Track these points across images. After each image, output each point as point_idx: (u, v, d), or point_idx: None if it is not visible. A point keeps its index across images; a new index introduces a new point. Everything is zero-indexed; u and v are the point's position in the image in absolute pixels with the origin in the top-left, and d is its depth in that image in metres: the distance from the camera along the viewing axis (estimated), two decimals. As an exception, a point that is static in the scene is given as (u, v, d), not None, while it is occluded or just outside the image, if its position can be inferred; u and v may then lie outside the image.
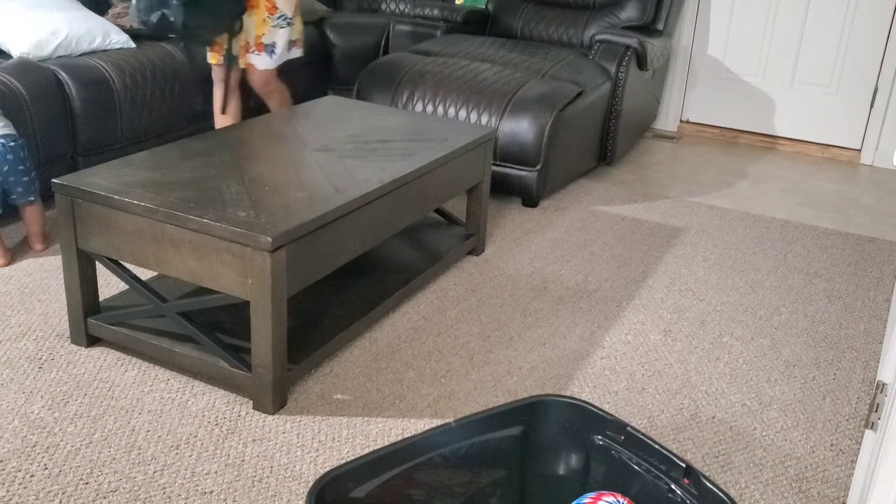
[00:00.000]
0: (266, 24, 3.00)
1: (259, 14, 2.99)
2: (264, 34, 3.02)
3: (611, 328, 2.47)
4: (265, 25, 3.01)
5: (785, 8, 4.32)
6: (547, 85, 3.36)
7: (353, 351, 2.27)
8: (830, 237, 3.28)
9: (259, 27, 3.01)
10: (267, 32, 3.02)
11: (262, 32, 3.02)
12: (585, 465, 1.59)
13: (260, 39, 3.03)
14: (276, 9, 2.99)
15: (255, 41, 3.03)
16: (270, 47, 3.04)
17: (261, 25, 3.00)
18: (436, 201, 2.54)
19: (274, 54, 3.06)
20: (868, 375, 2.30)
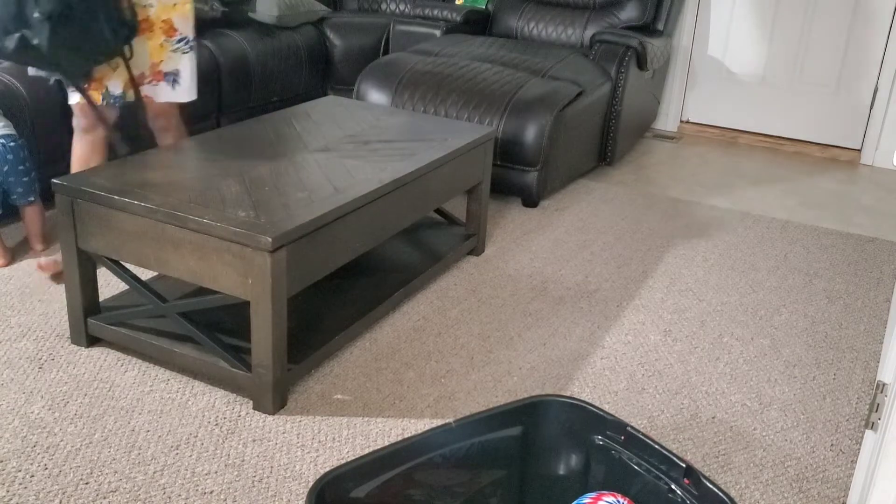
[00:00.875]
0: (164, 50, 2.49)
1: (154, 38, 2.46)
2: (163, 61, 2.50)
3: (611, 328, 2.47)
4: (163, 51, 2.49)
5: (785, 8, 4.32)
6: (547, 85, 3.36)
7: (353, 351, 2.26)
8: (830, 237, 3.28)
9: (156, 53, 2.49)
10: (166, 59, 2.50)
11: (159, 59, 2.50)
12: (585, 465, 1.59)
13: (158, 67, 2.51)
14: (174, 30, 2.48)
15: (152, 70, 2.50)
16: (172, 76, 2.53)
17: (158, 51, 2.49)
18: (436, 201, 2.54)
19: (178, 84, 2.55)
20: (868, 375, 2.30)
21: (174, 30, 2.47)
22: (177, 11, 2.46)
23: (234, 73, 3.71)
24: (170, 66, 2.51)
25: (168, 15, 2.44)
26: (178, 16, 2.47)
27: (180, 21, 2.48)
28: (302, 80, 4.16)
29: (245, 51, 3.78)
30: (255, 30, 3.94)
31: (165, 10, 2.43)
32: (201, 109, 3.57)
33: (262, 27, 3.99)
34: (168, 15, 2.44)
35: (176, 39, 2.49)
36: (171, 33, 2.47)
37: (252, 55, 3.81)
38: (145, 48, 2.46)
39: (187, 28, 2.51)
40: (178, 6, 2.45)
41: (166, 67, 2.51)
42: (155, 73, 2.51)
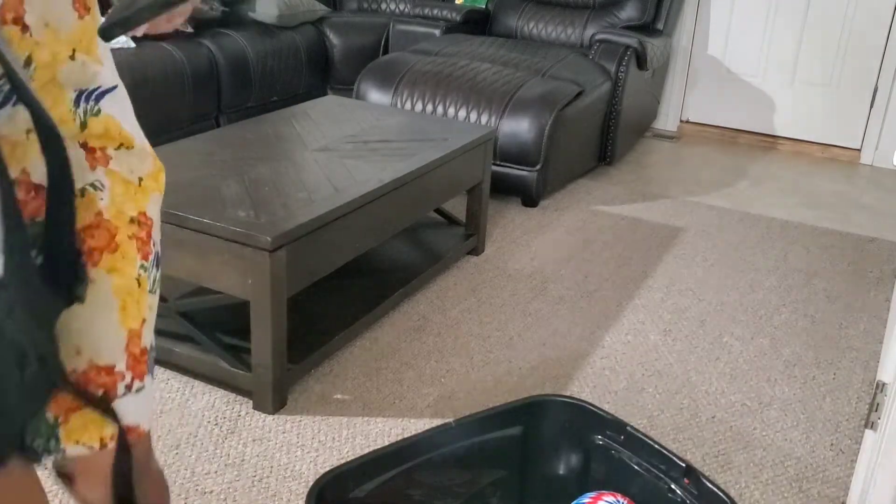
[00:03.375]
0: (144, 292, 0.90)
1: (123, 268, 0.84)
2: (145, 321, 0.91)
3: (611, 328, 2.47)
4: (142, 297, 0.90)
5: (785, 7, 4.32)
6: (547, 84, 3.36)
7: (353, 351, 2.26)
8: (830, 237, 3.28)
9: (131, 308, 0.88)
10: (150, 310, 0.92)
11: (140, 319, 0.89)
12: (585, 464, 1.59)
13: (141, 342, 0.90)
14: (150, 237, 0.89)
15: (130, 355, 0.87)
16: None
17: (134, 302, 0.89)
18: (436, 201, 2.54)
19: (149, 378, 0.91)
20: (868, 375, 2.30)
21: (150, 235, 0.88)
22: (149, 189, 0.89)
23: (234, 73, 3.71)
24: (151, 320, 0.92)
25: (137, 202, 0.86)
26: (153, 197, 0.90)
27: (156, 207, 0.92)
28: (302, 80, 4.16)
29: (245, 51, 3.78)
30: (255, 30, 3.94)
31: (128, 192, 0.84)
32: (201, 109, 3.57)
33: (262, 27, 3.99)
34: (137, 202, 0.86)
35: (153, 258, 0.92)
36: (147, 244, 0.88)
37: (252, 55, 3.81)
38: (108, 307, 0.84)
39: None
40: (151, 177, 0.89)
41: (150, 321, 0.91)
42: (135, 361, 0.87)
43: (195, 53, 3.53)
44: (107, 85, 0.80)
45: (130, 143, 0.83)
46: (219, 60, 3.65)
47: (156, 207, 0.88)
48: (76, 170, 0.77)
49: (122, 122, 0.82)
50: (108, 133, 0.80)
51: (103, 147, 0.80)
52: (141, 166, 0.84)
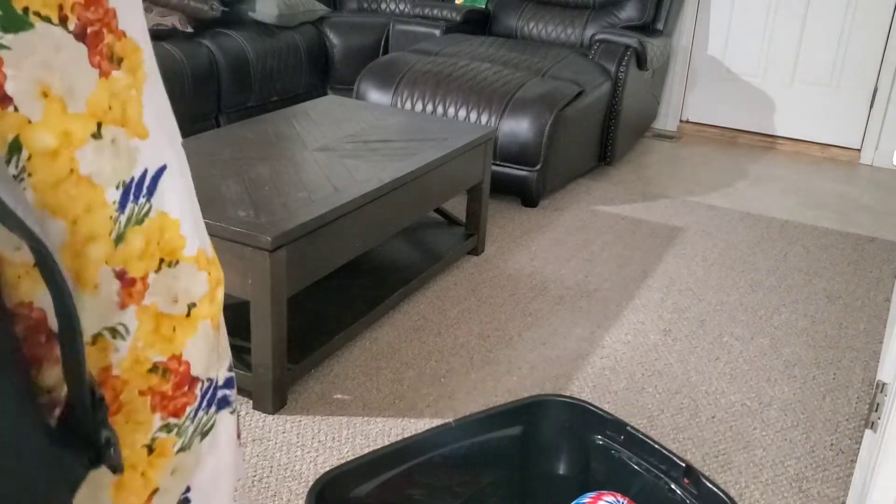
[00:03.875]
0: (168, 449, 0.63)
1: (140, 422, 0.60)
2: (169, 472, 0.64)
3: (611, 328, 2.47)
4: (166, 452, 0.63)
5: (785, 7, 4.32)
6: (547, 84, 3.36)
7: (353, 351, 2.26)
8: (830, 237, 3.28)
9: (143, 467, 0.62)
10: (172, 468, 0.64)
11: (156, 479, 0.63)
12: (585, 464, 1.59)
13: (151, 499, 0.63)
14: (186, 381, 0.64)
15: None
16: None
17: (151, 458, 0.62)
18: (436, 201, 2.54)
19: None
20: (868, 375, 2.30)
21: (184, 383, 0.63)
22: (200, 317, 0.64)
23: (234, 73, 3.71)
24: (178, 482, 0.65)
25: (170, 344, 0.61)
26: (202, 328, 0.64)
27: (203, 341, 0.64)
28: (302, 80, 4.16)
29: (245, 50, 3.78)
30: (255, 29, 3.94)
31: (160, 331, 0.60)
32: (201, 109, 3.57)
33: (262, 27, 3.99)
34: (170, 344, 0.61)
35: (192, 409, 0.64)
36: (178, 397, 0.62)
37: (252, 55, 3.81)
38: (94, 483, 0.59)
39: (207, 349, 0.67)
40: (206, 299, 0.64)
41: (173, 486, 0.65)
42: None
43: (195, 53, 3.53)
44: (156, 164, 0.57)
45: (180, 254, 0.60)
46: (219, 60, 3.65)
47: (203, 342, 0.63)
48: (95, 312, 0.55)
49: (181, 219, 0.60)
50: (161, 241, 0.58)
51: (145, 274, 0.57)
52: (193, 286, 0.61)
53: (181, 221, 0.60)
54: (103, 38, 0.54)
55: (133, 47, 0.57)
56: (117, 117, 0.55)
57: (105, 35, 0.54)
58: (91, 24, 0.53)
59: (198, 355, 0.63)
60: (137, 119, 0.57)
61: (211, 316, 0.64)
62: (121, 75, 0.56)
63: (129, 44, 0.57)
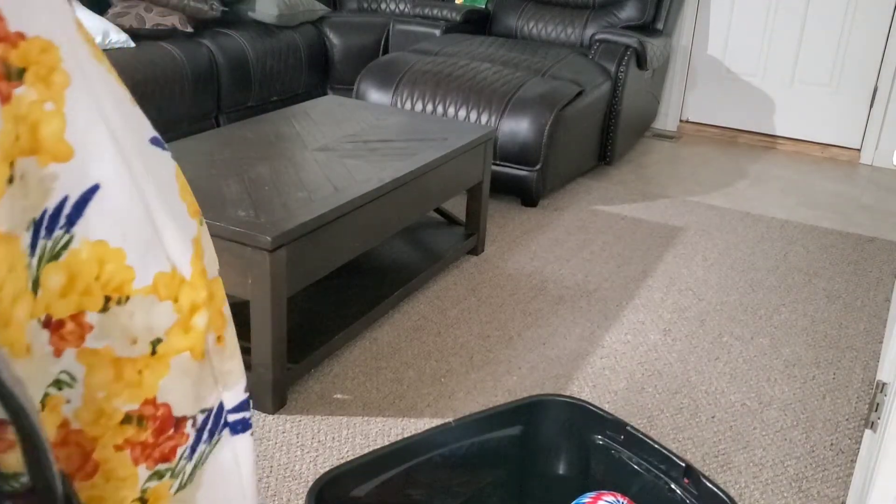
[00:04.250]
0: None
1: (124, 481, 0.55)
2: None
3: (610, 328, 2.47)
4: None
5: (785, 7, 4.32)
6: (547, 84, 3.36)
7: (353, 350, 2.27)
8: (830, 237, 3.28)
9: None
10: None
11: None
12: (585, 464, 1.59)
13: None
14: (172, 427, 0.57)
15: None
16: None
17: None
18: (435, 201, 2.54)
19: None
20: (868, 375, 2.30)
21: (168, 424, 0.57)
22: (174, 351, 0.56)
23: (234, 73, 3.71)
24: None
25: (139, 389, 0.54)
26: (178, 364, 0.56)
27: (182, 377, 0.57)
28: (302, 80, 4.16)
29: (245, 50, 3.78)
30: (255, 29, 3.94)
31: (122, 375, 0.53)
32: (201, 109, 3.57)
33: (262, 27, 3.99)
34: (139, 389, 0.54)
35: (185, 448, 0.58)
36: (165, 440, 0.57)
37: (252, 55, 3.81)
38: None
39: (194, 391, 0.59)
40: (179, 328, 0.55)
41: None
42: None
43: (195, 53, 3.53)
44: (81, 186, 0.46)
45: (129, 288, 0.50)
46: (218, 60, 3.65)
47: (182, 378, 0.54)
48: (36, 374, 0.47)
49: (126, 247, 0.50)
50: (101, 275, 0.48)
51: (78, 313, 0.48)
52: (155, 320, 0.52)
53: (126, 249, 0.49)
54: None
55: (41, 47, 0.45)
56: (25, 145, 0.43)
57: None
58: None
59: (179, 393, 0.54)
60: (56, 137, 0.45)
61: (189, 347, 0.54)
62: (24, 91, 0.43)
63: (34, 45, 0.44)
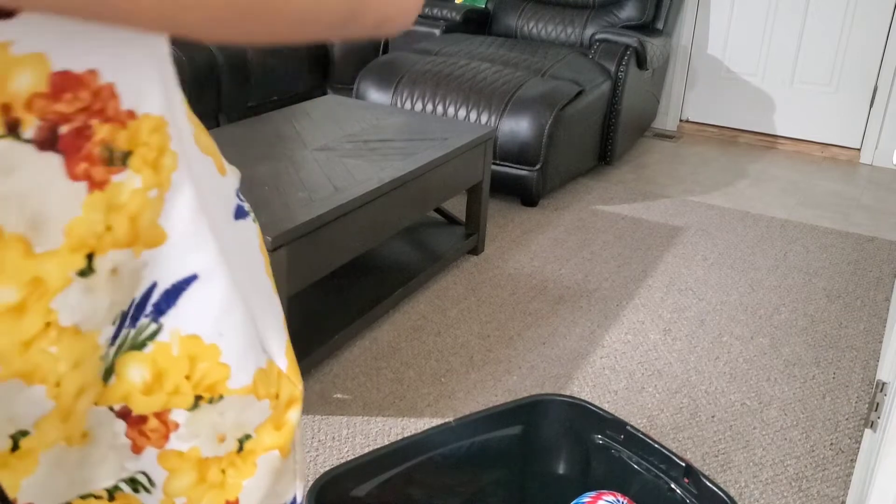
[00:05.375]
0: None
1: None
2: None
3: (610, 327, 2.47)
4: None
5: (785, 7, 4.32)
6: (547, 84, 3.36)
7: (353, 350, 2.27)
8: (830, 237, 3.28)
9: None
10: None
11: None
12: (585, 464, 1.59)
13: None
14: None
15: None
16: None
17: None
18: (435, 200, 2.54)
19: None
20: (868, 375, 2.30)
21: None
22: (260, 450, 0.50)
23: (234, 73, 3.71)
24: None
25: (221, 493, 0.49)
26: (265, 462, 0.51)
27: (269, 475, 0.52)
28: (302, 80, 4.16)
29: (245, 50, 3.78)
30: (255, 29, 3.94)
31: (204, 481, 0.48)
32: (201, 109, 3.57)
33: (262, 26, 3.99)
34: (221, 493, 0.49)
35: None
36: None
37: (252, 55, 3.81)
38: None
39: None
40: (270, 425, 0.50)
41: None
42: None
43: (195, 53, 3.53)
44: (175, 275, 0.43)
45: (223, 388, 0.45)
46: (219, 60, 3.65)
47: (267, 478, 0.49)
48: (95, 459, 0.43)
49: (221, 343, 0.45)
50: (192, 374, 0.44)
51: (162, 411, 0.44)
52: (248, 418, 0.47)
53: (221, 346, 0.45)
54: (91, 134, 0.37)
55: (152, 126, 0.40)
56: (120, 238, 0.39)
57: (96, 130, 0.38)
58: (67, 122, 0.36)
59: (261, 493, 0.49)
60: (151, 222, 0.41)
61: (279, 445, 0.49)
62: (127, 177, 0.39)
63: (145, 124, 0.40)
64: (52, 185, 0.36)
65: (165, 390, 0.44)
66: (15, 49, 0.34)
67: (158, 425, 0.44)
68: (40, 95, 0.35)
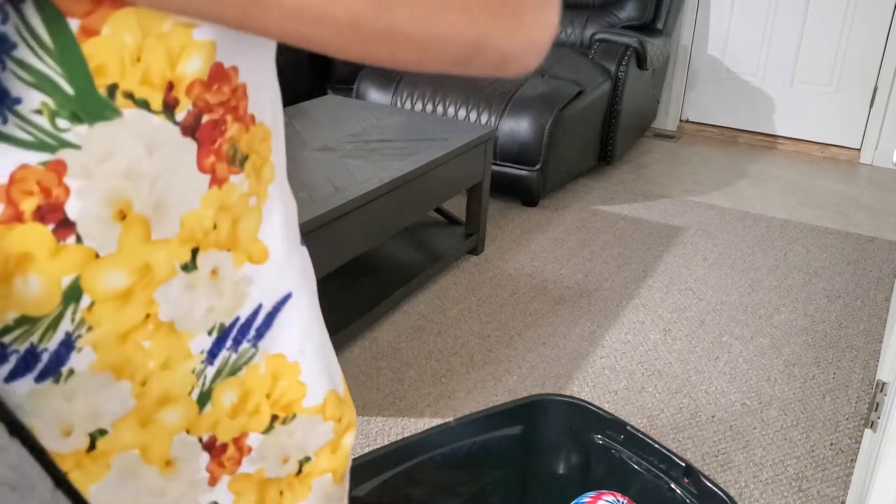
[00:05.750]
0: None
1: None
2: None
3: (610, 327, 2.47)
4: None
5: (785, 7, 4.32)
6: (547, 84, 3.36)
7: (353, 350, 2.27)
8: (830, 237, 3.28)
9: None
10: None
11: None
12: (585, 464, 1.59)
13: None
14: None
15: None
16: None
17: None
18: (436, 200, 2.54)
19: None
20: (868, 375, 2.30)
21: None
22: (315, 474, 0.50)
23: (234, 73, 3.71)
24: None
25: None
26: (319, 486, 0.51)
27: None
28: (302, 80, 4.16)
29: (245, 50, 3.78)
30: (255, 29, 3.94)
31: (256, 498, 0.46)
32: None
33: (262, 26, 3.99)
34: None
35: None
36: None
37: (252, 54, 3.81)
38: None
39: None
40: (328, 449, 0.50)
41: None
42: None
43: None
44: (276, 294, 0.42)
45: (298, 406, 0.45)
46: (219, 60, 3.65)
47: (321, 502, 0.49)
48: (170, 495, 0.42)
49: (302, 361, 0.45)
50: (273, 393, 0.43)
51: (240, 435, 0.42)
52: (311, 440, 0.47)
53: (302, 364, 0.45)
54: (225, 130, 0.38)
55: (263, 135, 0.41)
56: (222, 238, 0.39)
57: (228, 125, 0.38)
58: (210, 111, 0.37)
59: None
60: (252, 236, 0.40)
61: (333, 469, 0.48)
62: (240, 181, 0.39)
63: (259, 132, 0.41)
64: (183, 171, 0.36)
65: (247, 410, 0.42)
66: (196, 33, 0.35)
67: (234, 452, 0.43)
68: (200, 82, 0.36)
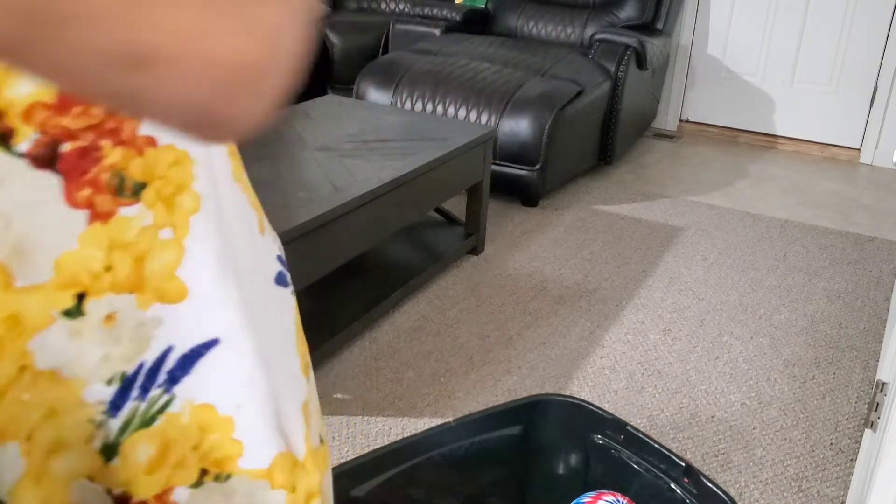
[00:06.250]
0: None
1: None
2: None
3: (610, 327, 2.47)
4: None
5: (785, 7, 4.32)
6: (547, 84, 3.36)
7: (353, 350, 2.27)
8: (830, 237, 3.28)
9: None
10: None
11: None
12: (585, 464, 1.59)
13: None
14: None
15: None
16: None
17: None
18: (435, 200, 2.54)
19: None
20: (868, 375, 2.30)
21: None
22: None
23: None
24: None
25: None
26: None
27: None
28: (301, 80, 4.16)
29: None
30: (255, 29, 3.94)
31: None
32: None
33: (262, 26, 3.99)
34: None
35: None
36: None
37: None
38: None
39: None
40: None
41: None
42: None
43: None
44: (194, 338, 0.38)
45: (233, 466, 0.40)
46: (218, 60, 3.65)
47: None
48: None
49: (237, 416, 0.40)
50: (201, 446, 0.39)
51: (164, 491, 0.39)
52: (259, 503, 0.42)
53: (237, 420, 0.39)
54: (100, 157, 0.33)
55: (173, 159, 0.36)
56: (121, 280, 0.34)
57: (105, 153, 0.33)
58: (72, 138, 0.32)
59: None
60: (166, 272, 0.36)
61: None
62: (138, 212, 0.35)
63: (165, 155, 0.36)
64: (45, 209, 0.31)
65: (169, 463, 0.38)
66: None
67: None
68: (44, 106, 0.30)
